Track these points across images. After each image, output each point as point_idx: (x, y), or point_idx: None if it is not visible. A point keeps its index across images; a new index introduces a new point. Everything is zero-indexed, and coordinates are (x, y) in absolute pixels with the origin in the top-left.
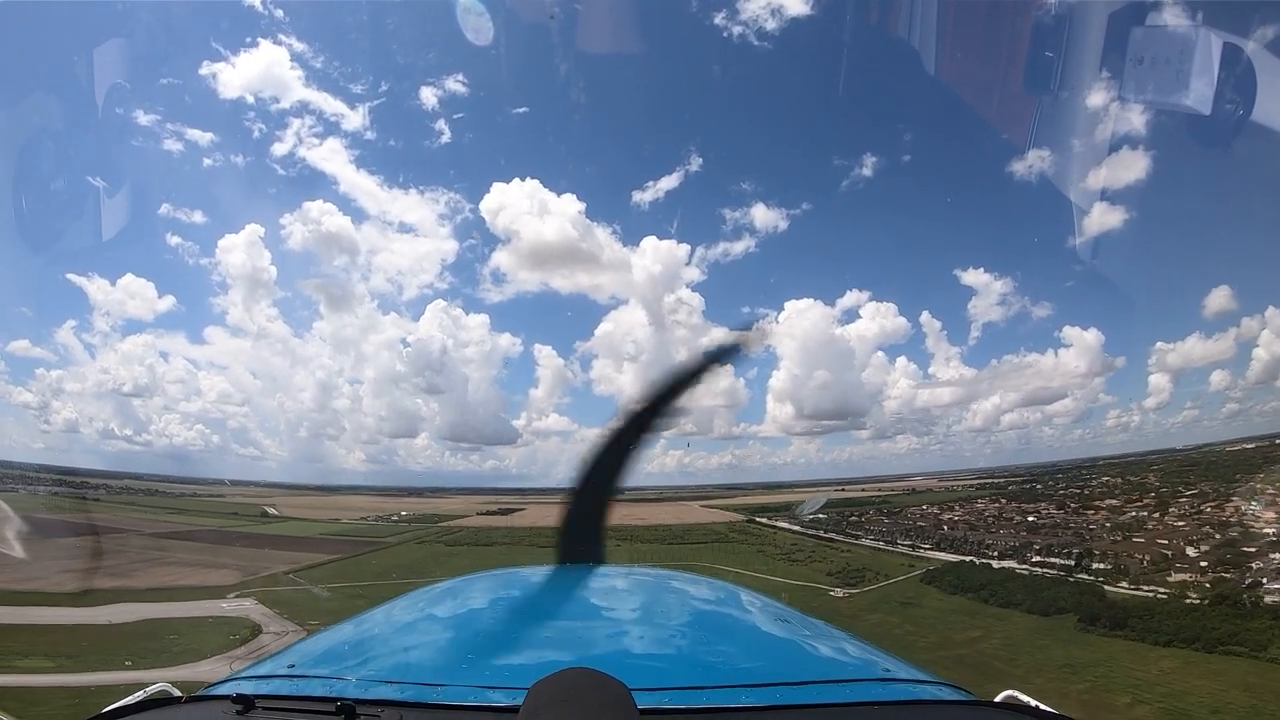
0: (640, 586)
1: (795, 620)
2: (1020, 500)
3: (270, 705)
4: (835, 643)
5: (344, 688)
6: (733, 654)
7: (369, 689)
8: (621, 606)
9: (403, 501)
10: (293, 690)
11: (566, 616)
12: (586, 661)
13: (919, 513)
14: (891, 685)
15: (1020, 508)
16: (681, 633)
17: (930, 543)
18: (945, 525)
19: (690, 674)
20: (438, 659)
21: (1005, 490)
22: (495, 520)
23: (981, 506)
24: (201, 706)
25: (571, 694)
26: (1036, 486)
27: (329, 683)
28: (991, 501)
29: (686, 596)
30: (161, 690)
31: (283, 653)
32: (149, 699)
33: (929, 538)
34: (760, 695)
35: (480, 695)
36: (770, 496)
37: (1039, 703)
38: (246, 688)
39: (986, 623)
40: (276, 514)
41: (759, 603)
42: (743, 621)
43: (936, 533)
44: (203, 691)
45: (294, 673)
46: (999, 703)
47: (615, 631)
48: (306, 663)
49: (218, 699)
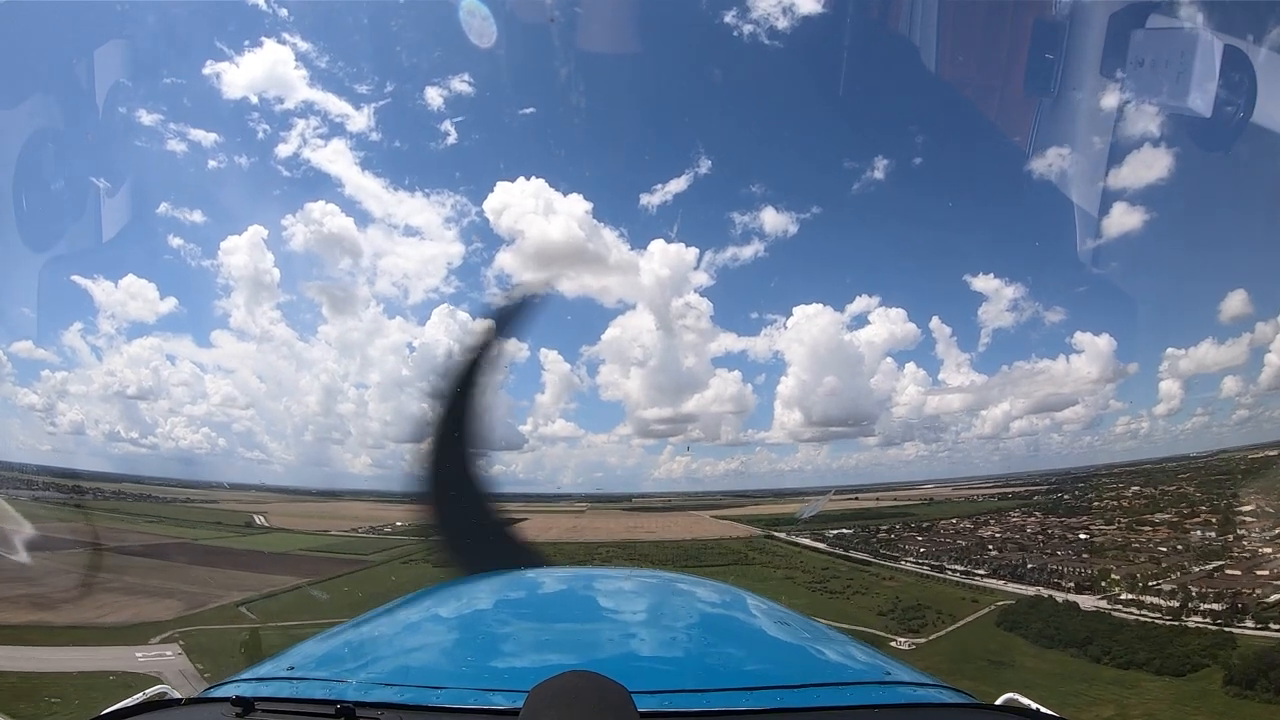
0: (641, 589)
1: (796, 623)
2: (1059, 514)
3: (270, 707)
4: (836, 646)
5: (344, 690)
6: (733, 657)
7: (369, 691)
8: (622, 609)
9: (404, 510)
10: (292, 692)
11: (567, 619)
12: (587, 664)
13: (950, 527)
14: (892, 688)
15: (1063, 522)
16: (682, 636)
17: (984, 568)
18: (990, 545)
19: (690, 677)
20: (438, 661)
21: (1032, 501)
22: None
23: (1017, 520)
24: (201, 709)
25: (572, 697)
26: (1064, 496)
27: (329, 685)
28: (1026, 515)
29: (687, 599)
30: (160, 692)
31: (282, 655)
32: (148, 701)
33: (976, 560)
34: (760, 699)
35: (480, 698)
36: (782, 506)
37: (1039, 706)
38: (246, 690)
39: (1108, 691)
40: (264, 524)
41: (760, 605)
42: (743, 624)
43: (983, 554)
44: (202, 693)
45: (294, 675)
46: (1000, 706)
47: (615, 634)
48: (306, 665)
49: (217, 701)
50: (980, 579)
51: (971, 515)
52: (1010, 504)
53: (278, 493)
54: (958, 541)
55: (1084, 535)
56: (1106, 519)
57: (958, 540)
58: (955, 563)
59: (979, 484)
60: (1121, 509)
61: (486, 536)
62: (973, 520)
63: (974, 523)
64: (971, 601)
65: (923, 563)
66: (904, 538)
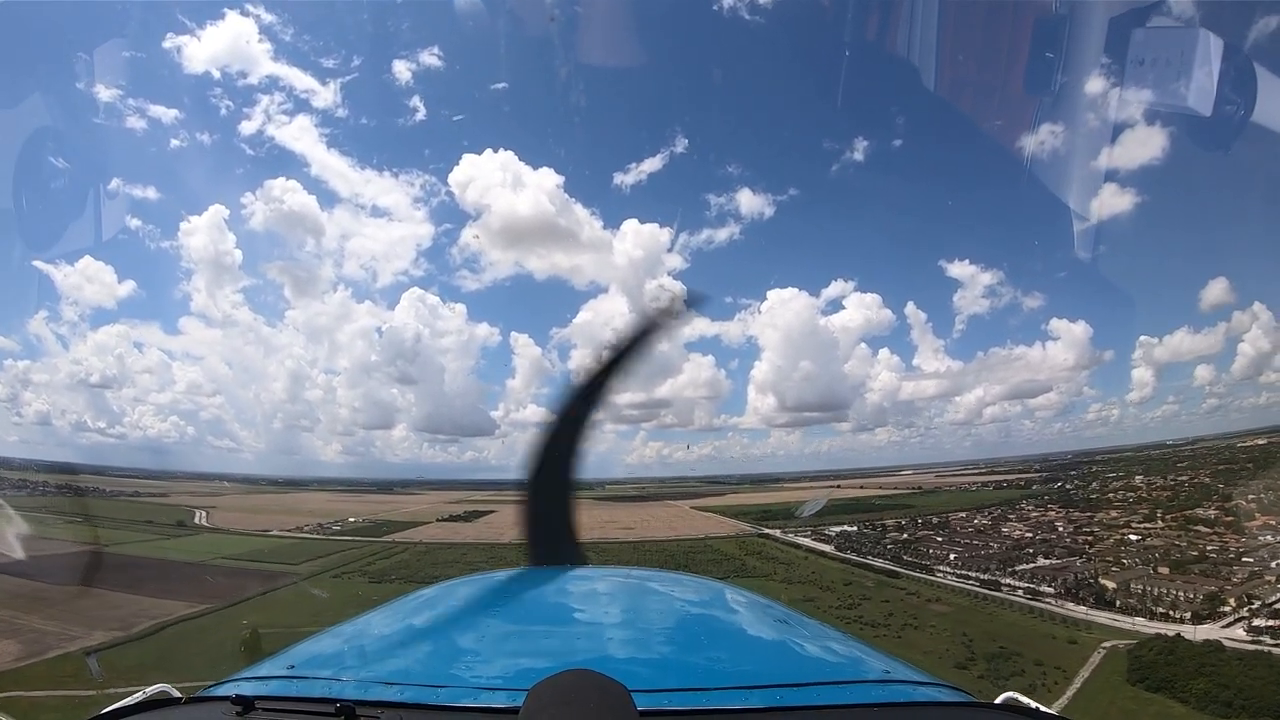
0: (640, 588)
1: (795, 622)
2: (1078, 507)
3: (270, 706)
4: (835, 644)
5: (343, 689)
6: (732, 656)
7: (368, 690)
8: (621, 608)
9: (367, 501)
10: (292, 691)
11: (566, 618)
12: (586, 663)
13: (960, 522)
14: (891, 687)
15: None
16: (681, 635)
17: (1044, 582)
18: (1027, 547)
19: (689, 676)
20: (437, 660)
21: (1031, 490)
22: (456, 529)
23: (1036, 514)
24: (201, 707)
25: (571, 696)
26: (1065, 485)
27: (328, 684)
28: (1040, 508)
29: (686, 598)
30: (161, 691)
31: (282, 654)
32: (149, 700)
33: (1024, 570)
34: (759, 697)
35: (480, 697)
36: (764, 496)
37: (1039, 705)
38: (246, 689)
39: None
40: (203, 523)
41: (758, 604)
42: (742, 623)
43: (1029, 561)
44: (202, 692)
45: (294, 674)
46: (999, 704)
47: (615, 633)
48: (306, 664)
49: (217, 700)
50: (1051, 601)
51: (976, 507)
52: (1009, 494)
53: (242, 482)
54: (988, 544)
55: (1135, 537)
56: (1147, 515)
57: (986, 542)
58: (995, 571)
59: (959, 470)
60: (1145, 500)
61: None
62: (985, 514)
63: (987, 517)
64: (1068, 643)
65: (962, 575)
66: (921, 538)
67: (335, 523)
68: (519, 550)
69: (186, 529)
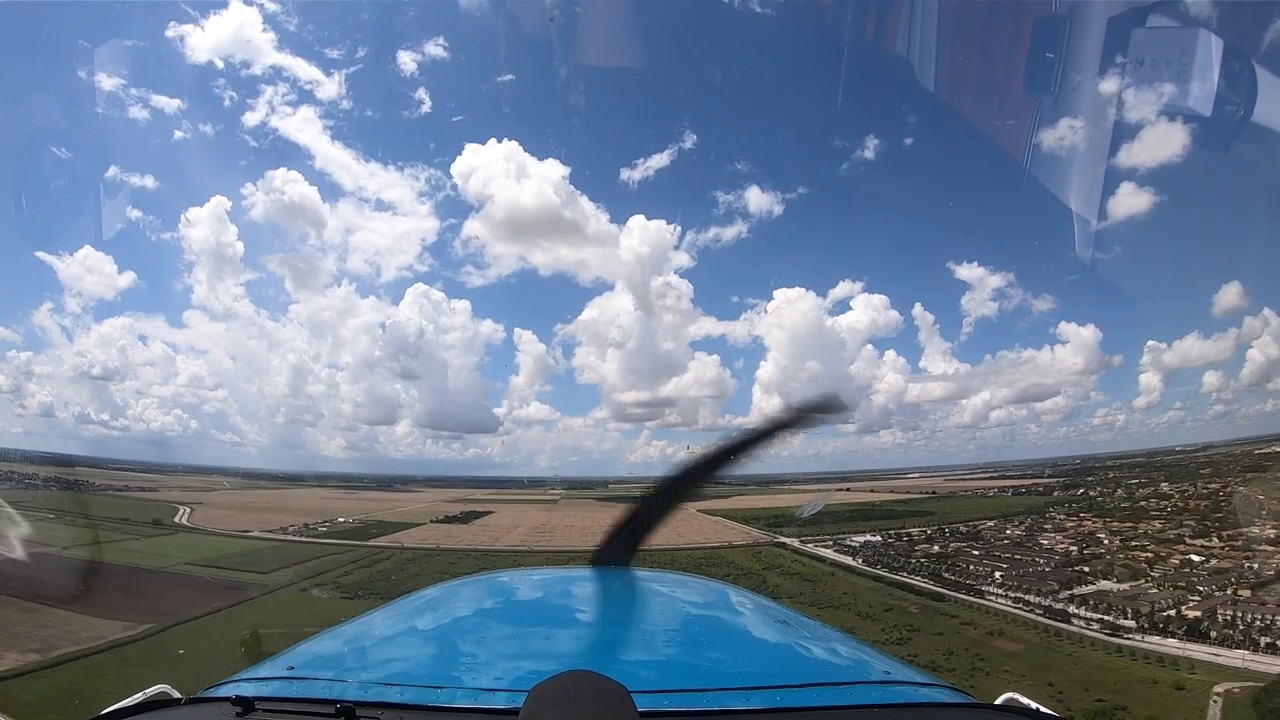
0: (640, 589)
1: (795, 623)
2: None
3: (270, 707)
4: (835, 645)
5: (344, 690)
6: (733, 657)
7: (369, 691)
8: (621, 609)
9: (362, 499)
10: (292, 692)
11: (566, 619)
12: (586, 664)
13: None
14: (892, 688)
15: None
16: (681, 635)
17: (1128, 614)
18: (1082, 565)
19: (690, 677)
20: (437, 661)
21: (1052, 496)
22: (450, 531)
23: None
24: (201, 708)
25: (571, 697)
26: (1088, 492)
27: (329, 685)
28: (1074, 517)
29: (687, 599)
30: (161, 691)
31: (282, 654)
32: (148, 700)
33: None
34: (760, 698)
35: (480, 698)
36: (773, 499)
37: (1039, 705)
38: (246, 689)
39: None
40: (183, 521)
41: (759, 605)
42: (743, 624)
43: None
44: (202, 693)
45: (294, 674)
46: (1000, 705)
47: (615, 634)
48: (306, 665)
49: (217, 700)
50: (1138, 638)
51: (1002, 515)
52: (1030, 500)
53: (244, 477)
54: (1033, 559)
55: (1197, 557)
56: (1198, 530)
57: (1031, 557)
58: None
59: (966, 473)
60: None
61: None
62: (1014, 524)
63: (1019, 526)
64: (1174, 688)
65: (1018, 598)
66: (955, 552)
67: (323, 523)
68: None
69: (163, 528)
